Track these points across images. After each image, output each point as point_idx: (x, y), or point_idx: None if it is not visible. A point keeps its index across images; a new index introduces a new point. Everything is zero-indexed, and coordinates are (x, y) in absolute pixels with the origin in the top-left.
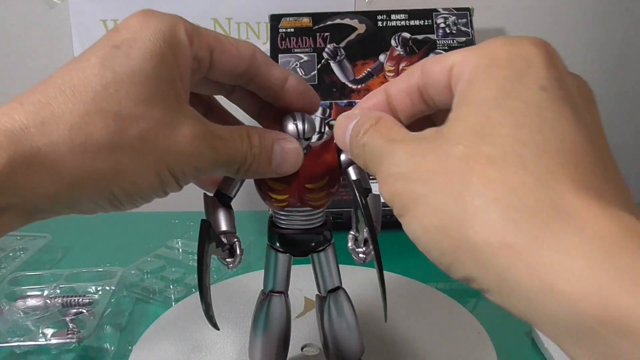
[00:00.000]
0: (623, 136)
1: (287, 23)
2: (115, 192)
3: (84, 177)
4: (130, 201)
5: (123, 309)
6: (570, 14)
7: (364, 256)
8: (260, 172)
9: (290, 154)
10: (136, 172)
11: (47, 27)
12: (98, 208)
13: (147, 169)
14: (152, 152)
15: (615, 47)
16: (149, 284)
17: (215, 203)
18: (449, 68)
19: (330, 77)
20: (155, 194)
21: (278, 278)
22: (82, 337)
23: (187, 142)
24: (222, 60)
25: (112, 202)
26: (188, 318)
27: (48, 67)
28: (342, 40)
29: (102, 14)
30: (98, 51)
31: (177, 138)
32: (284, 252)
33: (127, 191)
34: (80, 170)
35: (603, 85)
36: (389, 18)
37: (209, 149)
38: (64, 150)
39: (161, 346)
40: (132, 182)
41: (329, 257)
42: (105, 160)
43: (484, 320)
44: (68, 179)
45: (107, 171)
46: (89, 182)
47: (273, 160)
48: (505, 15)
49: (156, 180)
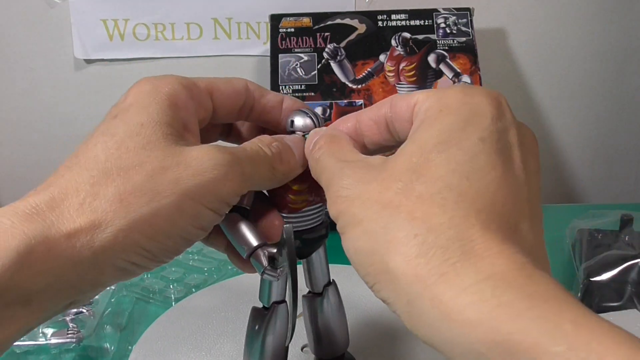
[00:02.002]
0: (623, 136)
1: (288, 23)
2: (141, 242)
3: (101, 236)
4: (163, 248)
5: (123, 309)
6: (570, 14)
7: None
8: (290, 163)
9: (300, 144)
10: (153, 215)
11: (47, 27)
12: (134, 267)
13: (166, 209)
14: (165, 190)
15: (615, 47)
16: (149, 283)
17: (238, 218)
18: (413, 105)
19: (330, 77)
20: (190, 234)
21: (281, 287)
22: (82, 336)
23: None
24: (222, 99)
25: (143, 254)
26: (188, 318)
27: (48, 67)
28: (342, 40)
29: (102, 14)
30: (100, 127)
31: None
32: None
33: (152, 238)
34: (95, 231)
35: (603, 86)
36: (389, 18)
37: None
38: (76, 216)
39: (161, 346)
40: (152, 225)
41: (321, 254)
42: (117, 213)
43: None
44: (86, 244)
45: (123, 223)
46: (108, 239)
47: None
48: (505, 15)
49: (183, 219)
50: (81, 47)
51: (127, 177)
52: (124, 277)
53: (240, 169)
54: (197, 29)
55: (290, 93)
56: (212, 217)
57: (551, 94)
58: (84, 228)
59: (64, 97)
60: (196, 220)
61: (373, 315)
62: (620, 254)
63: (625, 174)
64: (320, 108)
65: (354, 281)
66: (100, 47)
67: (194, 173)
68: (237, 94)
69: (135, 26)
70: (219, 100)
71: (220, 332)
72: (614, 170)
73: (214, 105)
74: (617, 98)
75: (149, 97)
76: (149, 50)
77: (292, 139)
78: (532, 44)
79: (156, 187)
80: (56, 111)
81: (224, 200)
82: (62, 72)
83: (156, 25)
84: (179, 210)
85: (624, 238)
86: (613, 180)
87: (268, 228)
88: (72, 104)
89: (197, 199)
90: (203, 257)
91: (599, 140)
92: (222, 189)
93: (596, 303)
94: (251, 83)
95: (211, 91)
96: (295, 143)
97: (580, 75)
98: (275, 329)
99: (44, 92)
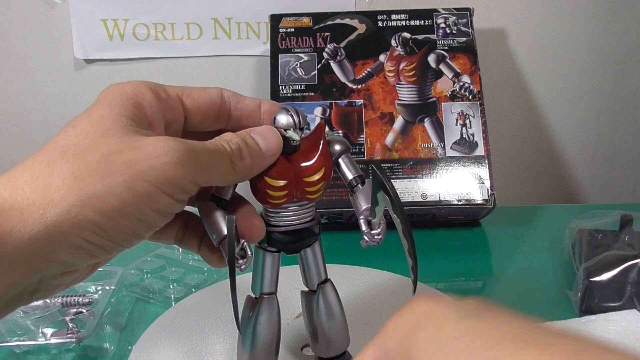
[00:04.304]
0: (623, 136)
1: (287, 23)
2: (94, 219)
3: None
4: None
5: (123, 309)
6: (570, 14)
7: (380, 237)
8: (255, 159)
9: (268, 134)
10: (105, 191)
11: (47, 27)
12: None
13: (117, 186)
14: (119, 170)
15: (615, 47)
16: (149, 283)
17: (213, 207)
18: None
19: (330, 77)
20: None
21: (269, 279)
22: (81, 336)
23: (157, 150)
24: (194, 106)
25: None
26: (188, 318)
27: (48, 67)
28: (342, 40)
29: (102, 14)
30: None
31: (144, 149)
32: (272, 252)
33: (106, 216)
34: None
35: (603, 86)
36: (389, 18)
37: (189, 150)
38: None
39: (161, 346)
40: (104, 202)
41: (316, 251)
42: (70, 190)
43: None
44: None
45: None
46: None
47: (260, 143)
48: (505, 15)
49: (134, 195)
50: (81, 47)
51: (82, 157)
52: (83, 256)
53: (195, 158)
54: (197, 29)
55: (290, 93)
56: (167, 201)
57: (551, 94)
58: (36, 203)
59: (64, 97)
60: (151, 202)
61: (373, 314)
62: (620, 254)
63: (625, 174)
64: (320, 108)
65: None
66: (100, 47)
67: (147, 157)
68: (211, 100)
69: (135, 26)
70: (192, 106)
71: (220, 332)
72: (614, 170)
73: (186, 110)
74: (617, 98)
75: (114, 95)
76: (149, 50)
77: (261, 130)
78: (532, 44)
79: (110, 167)
80: (56, 111)
81: (178, 185)
82: (62, 72)
83: (156, 25)
84: (131, 190)
85: (623, 238)
86: (613, 180)
87: (247, 227)
88: (72, 104)
89: (150, 181)
90: None
91: (599, 140)
92: (176, 174)
93: (596, 303)
94: (226, 91)
95: (182, 96)
96: (264, 134)
97: (580, 75)
98: (263, 320)
99: (44, 92)
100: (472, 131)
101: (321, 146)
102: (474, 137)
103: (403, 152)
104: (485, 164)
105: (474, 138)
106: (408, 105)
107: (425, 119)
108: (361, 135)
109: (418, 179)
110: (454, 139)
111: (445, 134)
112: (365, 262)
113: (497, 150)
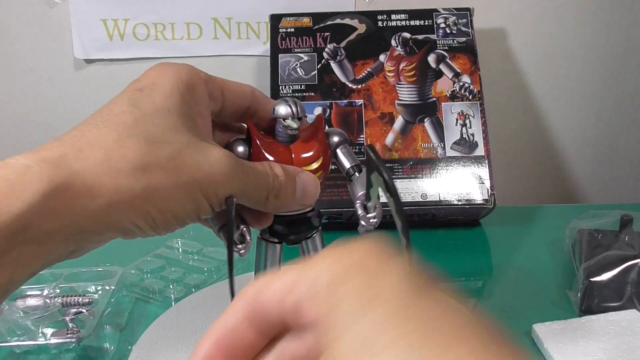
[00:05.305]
0: (623, 136)
1: (287, 23)
2: (150, 211)
3: (119, 196)
4: (165, 222)
5: (123, 309)
6: (570, 14)
7: (376, 220)
8: (286, 201)
9: (311, 185)
10: (168, 191)
11: (47, 27)
12: (137, 230)
13: (179, 190)
14: (183, 173)
15: (615, 47)
16: (149, 283)
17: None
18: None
19: (330, 77)
20: (189, 217)
21: (269, 270)
22: (81, 336)
23: (218, 164)
24: (231, 98)
25: (149, 222)
26: (188, 318)
27: (48, 67)
28: (342, 40)
29: (102, 14)
30: (124, 96)
31: (207, 160)
32: (274, 243)
33: (161, 210)
34: (116, 189)
35: (603, 85)
36: (389, 18)
37: (240, 172)
38: (101, 172)
39: (161, 346)
40: (166, 201)
41: (317, 244)
42: (139, 180)
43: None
44: (105, 198)
45: (141, 190)
46: (124, 201)
47: (297, 190)
48: (505, 15)
49: (189, 203)
50: (81, 47)
51: (154, 149)
52: (124, 236)
53: (244, 183)
54: (197, 29)
55: (290, 93)
56: (208, 210)
57: (551, 94)
58: (104, 186)
59: (64, 97)
60: (198, 208)
61: None
62: (620, 254)
63: (625, 174)
64: (320, 108)
65: None
66: (100, 47)
67: (209, 170)
68: (245, 96)
69: (135, 26)
70: (229, 99)
71: None
72: (614, 170)
73: (224, 100)
74: (617, 98)
75: (172, 84)
76: (149, 50)
77: (306, 179)
78: (532, 44)
79: (178, 166)
80: (56, 111)
81: (219, 201)
82: (62, 72)
83: (156, 25)
84: (189, 197)
85: (623, 238)
86: (613, 180)
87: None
88: (72, 104)
89: (204, 191)
90: (203, 257)
91: (599, 140)
92: (225, 191)
93: (596, 303)
94: (258, 91)
95: (223, 88)
96: (307, 185)
97: (580, 75)
98: None
99: (44, 92)
100: (472, 131)
101: (319, 136)
102: (474, 137)
103: (403, 152)
104: (485, 164)
105: (474, 138)
106: (408, 105)
107: (425, 119)
108: (361, 135)
109: (418, 179)
110: (454, 139)
111: (445, 134)
112: None
113: (497, 150)
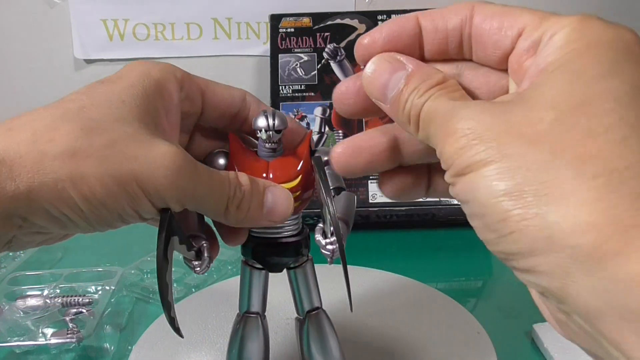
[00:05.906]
0: None
1: (287, 23)
2: (75, 198)
3: (41, 178)
4: (95, 212)
5: (123, 309)
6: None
7: (332, 247)
8: (251, 215)
9: (282, 200)
10: (96, 179)
11: (47, 27)
12: (65, 219)
13: (109, 179)
14: (117, 163)
15: None
16: (149, 283)
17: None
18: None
19: (330, 77)
20: (124, 212)
21: (253, 297)
22: (81, 337)
23: (161, 158)
24: (214, 102)
25: (75, 210)
26: (188, 318)
27: (48, 67)
28: (342, 40)
29: (102, 14)
30: (85, 87)
31: (148, 153)
32: (258, 269)
33: (86, 198)
34: (37, 170)
35: None
36: (389, 18)
37: (190, 172)
38: (24, 152)
39: (161, 346)
40: (91, 189)
41: (307, 274)
42: (65, 164)
43: (484, 320)
44: (25, 179)
45: (65, 175)
46: (47, 184)
47: (265, 205)
48: None
49: (122, 196)
50: (81, 47)
51: (89, 135)
52: (57, 225)
53: (194, 184)
54: (197, 29)
55: (290, 93)
56: (148, 207)
57: None
58: (27, 166)
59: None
60: (134, 204)
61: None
62: None
63: None
64: (320, 108)
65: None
66: (100, 47)
67: (150, 161)
68: (232, 101)
69: (135, 26)
70: (211, 102)
71: (220, 332)
72: None
73: (205, 105)
74: None
75: (138, 78)
76: (149, 50)
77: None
78: None
79: (110, 155)
80: None
81: (164, 199)
82: (62, 72)
83: (156, 25)
84: (121, 187)
85: None
86: None
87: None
88: None
89: (142, 186)
90: None
91: None
92: (168, 191)
93: None
94: (250, 95)
95: (205, 90)
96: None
97: None
98: (247, 341)
99: (44, 92)
100: None
101: (303, 154)
102: None
103: None
104: None
105: None
106: None
107: None
108: None
109: None
110: None
111: None
112: (364, 262)
113: None
